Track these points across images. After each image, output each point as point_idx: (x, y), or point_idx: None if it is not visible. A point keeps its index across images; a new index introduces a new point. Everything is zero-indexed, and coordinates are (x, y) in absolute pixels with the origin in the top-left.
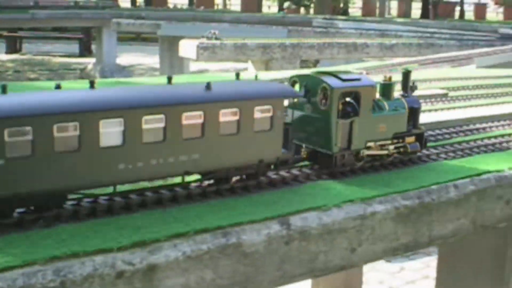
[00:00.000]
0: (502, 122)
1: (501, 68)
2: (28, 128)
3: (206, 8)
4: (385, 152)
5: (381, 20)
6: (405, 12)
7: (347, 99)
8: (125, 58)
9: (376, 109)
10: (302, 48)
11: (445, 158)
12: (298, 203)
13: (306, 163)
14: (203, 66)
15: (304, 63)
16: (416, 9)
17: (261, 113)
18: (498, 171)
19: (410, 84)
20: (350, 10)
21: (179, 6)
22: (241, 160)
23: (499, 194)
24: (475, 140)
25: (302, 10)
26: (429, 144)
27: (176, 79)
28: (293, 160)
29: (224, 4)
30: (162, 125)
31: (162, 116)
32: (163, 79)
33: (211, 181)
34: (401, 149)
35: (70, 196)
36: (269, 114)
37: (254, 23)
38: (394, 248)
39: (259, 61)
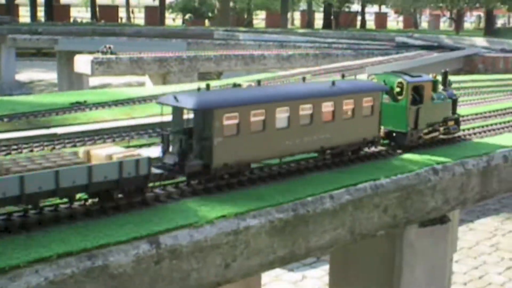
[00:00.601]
0: None
1: None
2: (236, 114)
3: (109, 22)
4: (436, 133)
5: (281, 31)
6: (308, 22)
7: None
8: (25, 74)
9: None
10: (199, 60)
11: (319, 169)
12: (169, 221)
13: (183, 179)
14: (105, 80)
15: (208, 75)
16: (320, 20)
17: (366, 102)
18: (374, 179)
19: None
20: (255, 22)
21: (79, 21)
22: (354, 138)
23: (376, 202)
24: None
25: (207, 22)
26: (308, 156)
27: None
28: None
29: (128, 18)
30: (310, 112)
31: (310, 105)
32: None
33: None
34: (445, 130)
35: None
36: (371, 104)
37: (155, 36)
38: (270, 261)
39: (156, 75)
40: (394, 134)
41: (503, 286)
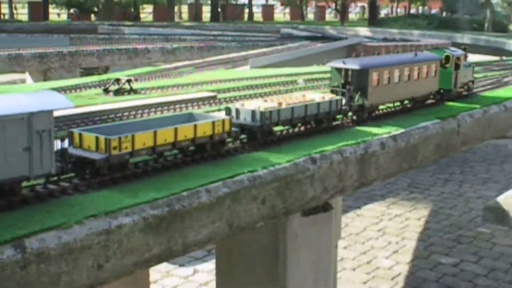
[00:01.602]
0: None
1: (275, 67)
2: (378, 73)
3: None
4: (463, 89)
5: (168, 24)
6: (195, 15)
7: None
8: None
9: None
10: (81, 56)
11: (196, 163)
12: (36, 223)
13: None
14: None
15: (96, 71)
16: (208, 12)
17: (433, 67)
18: (252, 171)
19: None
20: (142, 15)
21: None
22: (427, 91)
23: (254, 194)
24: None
25: (93, 17)
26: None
27: None
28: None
29: (12, 14)
30: (408, 73)
31: (408, 68)
32: None
33: None
34: (468, 88)
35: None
36: (435, 68)
37: (37, 32)
38: (146, 260)
39: (37, 72)
40: (441, 91)
41: (391, 269)
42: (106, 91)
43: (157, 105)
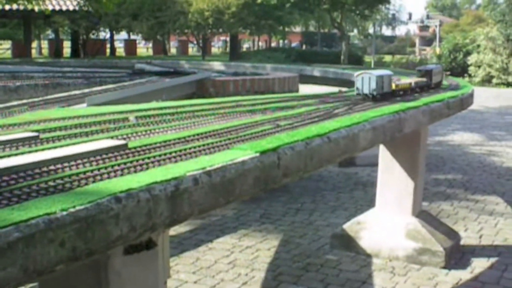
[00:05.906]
0: (78, 161)
1: (115, 104)
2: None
3: None
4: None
5: (20, 61)
6: (56, 51)
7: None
8: None
9: None
10: None
11: None
12: None
13: None
14: None
15: None
16: (69, 48)
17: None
18: (49, 214)
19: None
20: (0, 51)
21: None
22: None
23: (51, 237)
24: (38, 184)
25: None
26: None
27: None
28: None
29: None
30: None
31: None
32: None
33: None
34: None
35: None
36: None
37: None
38: None
39: None
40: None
41: None
42: None
43: None
